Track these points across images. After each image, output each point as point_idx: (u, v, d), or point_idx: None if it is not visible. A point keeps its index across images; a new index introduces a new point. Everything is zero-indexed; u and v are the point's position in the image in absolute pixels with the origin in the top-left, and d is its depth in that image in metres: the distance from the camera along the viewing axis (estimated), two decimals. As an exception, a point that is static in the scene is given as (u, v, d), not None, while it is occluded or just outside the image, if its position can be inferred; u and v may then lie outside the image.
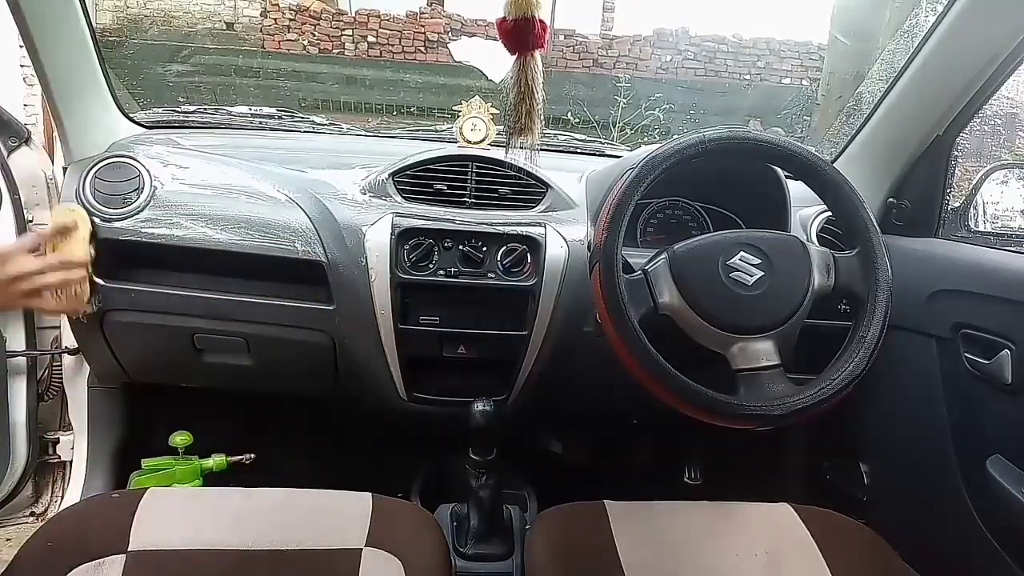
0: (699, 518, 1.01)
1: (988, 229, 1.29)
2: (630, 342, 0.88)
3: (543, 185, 1.27)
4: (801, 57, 5.48)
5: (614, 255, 0.90)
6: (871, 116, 1.31)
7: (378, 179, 1.25)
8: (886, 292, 0.93)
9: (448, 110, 1.43)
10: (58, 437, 1.47)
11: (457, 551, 1.20)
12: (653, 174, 0.94)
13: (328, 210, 1.20)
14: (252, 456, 1.45)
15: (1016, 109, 1.45)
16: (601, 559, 0.92)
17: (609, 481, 1.67)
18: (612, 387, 1.06)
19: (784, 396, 0.89)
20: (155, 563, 0.85)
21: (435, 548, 0.94)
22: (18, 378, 1.38)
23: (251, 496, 0.98)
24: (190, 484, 1.36)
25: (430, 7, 5.77)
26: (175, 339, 1.25)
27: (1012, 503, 0.97)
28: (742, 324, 0.92)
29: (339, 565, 0.86)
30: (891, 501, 1.31)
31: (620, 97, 4.07)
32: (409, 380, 1.25)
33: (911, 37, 1.28)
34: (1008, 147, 1.46)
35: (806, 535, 0.98)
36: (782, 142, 0.98)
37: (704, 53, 5.59)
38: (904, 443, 1.27)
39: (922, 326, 1.17)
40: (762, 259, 0.94)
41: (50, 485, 1.51)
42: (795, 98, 5.01)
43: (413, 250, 1.17)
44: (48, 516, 1.46)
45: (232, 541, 0.89)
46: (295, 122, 1.57)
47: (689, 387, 0.88)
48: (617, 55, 5.60)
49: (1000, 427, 1.05)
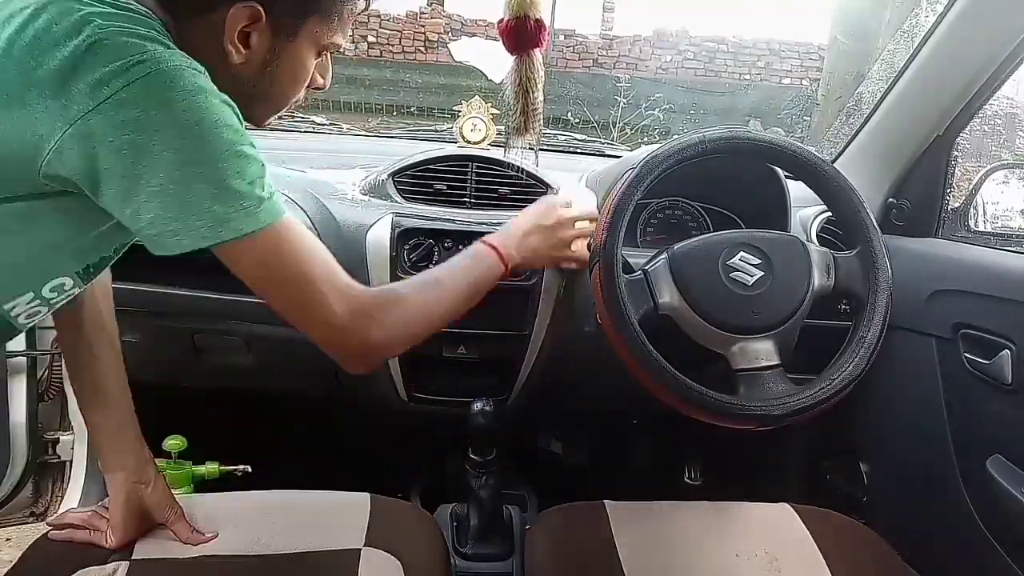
0: (699, 518, 1.01)
1: (988, 229, 1.29)
2: (630, 342, 0.88)
3: (543, 185, 1.27)
4: (801, 57, 5.48)
5: (614, 255, 0.90)
6: (871, 116, 1.31)
7: (378, 179, 1.25)
8: (886, 292, 0.93)
9: (448, 110, 1.43)
10: (58, 437, 1.47)
11: (457, 551, 1.20)
12: (653, 174, 0.94)
13: (328, 210, 1.20)
14: (247, 469, 1.43)
15: (1016, 109, 1.45)
16: (601, 559, 0.92)
17: (609, 481, 1.67)
18: (612, 387, 1.06)
19: (784, 396, 0.90)
20: (157, 572, 0.85)
21: (434, 548, 0.94)
22: (18, 378, 1.37)
23: (250, 499, 0.98)
24: (180, 490, 1.35)
25: (430, 7, 5.77)
26: (175, 339, 1.25)
27: (1012, 503, 0.97)
28: (742, 324, 0.92)
29: (338, 566, 0.86)
30: (891, 501, 1.31)
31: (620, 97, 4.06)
32: (409, 380, 1.25)
33: (911, 37, 1.28)
34: (1008, 147, 1.46)
35: (806, 535, 0.98)
36: (782, 142, 0.98)
37: (704, 53, 5.58)
38: (904, 443, 1.27)
39: (922, 326, 1.17)
40: (762, 259, 0.94)
41: (50, 485, 1.51)
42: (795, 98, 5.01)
43: (413, 250, 1.17)
44: (48, 516, 1.46)
45: (231, 547, 0.88)
46: (295, 122, 1.57)
47: (689, 387, 0.88)
48: (617, 55, 5.60)
49: (1000, 427, 1.05)
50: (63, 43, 0.59)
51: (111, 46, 0.59)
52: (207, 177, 0.61)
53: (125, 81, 0.58)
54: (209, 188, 0.61)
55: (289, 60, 0.74)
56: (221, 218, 0.62)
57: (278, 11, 0.69)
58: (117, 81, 0.58)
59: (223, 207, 0.62)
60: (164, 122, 0.59)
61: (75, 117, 0.58)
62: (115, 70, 0.58)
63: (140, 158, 0.59)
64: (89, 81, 0.58)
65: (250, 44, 0.70)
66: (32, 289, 0.71)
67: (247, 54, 0.70)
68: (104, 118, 0.58)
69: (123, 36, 0.60)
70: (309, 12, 0.72)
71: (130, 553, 0.87)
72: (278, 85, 0.76)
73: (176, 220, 0.61)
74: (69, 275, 0.73)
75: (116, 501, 0.89)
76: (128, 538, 0.88)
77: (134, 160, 0.59)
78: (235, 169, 0.63)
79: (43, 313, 0.75)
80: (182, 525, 0.89)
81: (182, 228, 0.62)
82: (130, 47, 0.60)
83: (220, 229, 0.62)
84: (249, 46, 0.70)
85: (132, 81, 0.58)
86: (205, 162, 0.61)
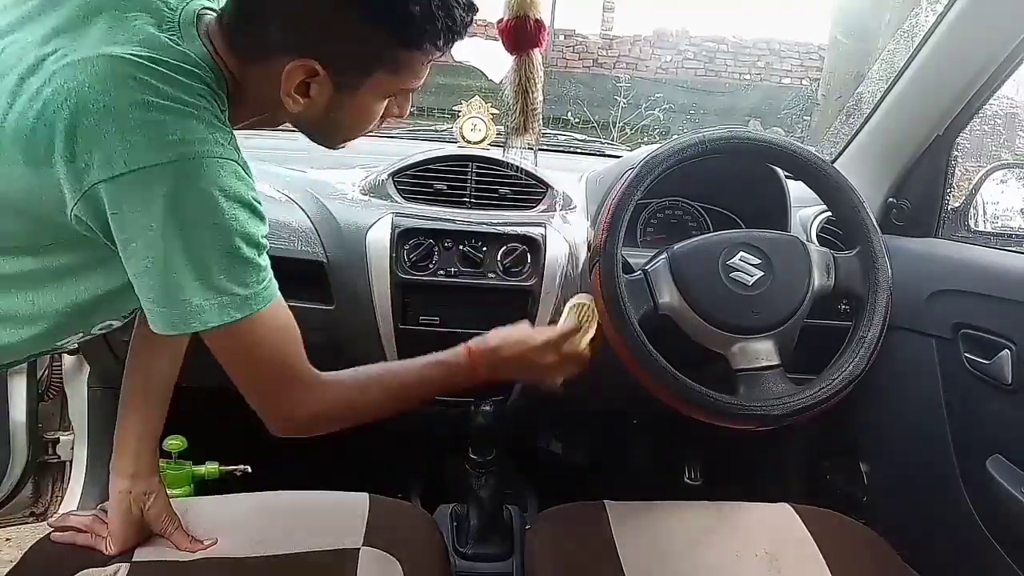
0: (699, 518, 1.01)
1: (988, 229, 1.29)
2: (630, 342, 0.88)
3: (543, 185, 1.27)
4: (801, 57, 5.47)
5: (614, 255, 0.90)
6: (871, 116, 1.31)
7: (378, 179, 1.25)
8: (886, 292, 0.93)
9: (448, 110, 1.43)
10: (58, 437, 1.47)
11: (457, 551, 1.20)
12: (653, 174, 0.94)
13: (328, 210, 1.20)
14: (247, 469, 1.43)
15: (1016, 109, 1.45)
16: (601, 559, 0.92)
17: (609, 481, 1.67)
18: (612, 387, 1.06)
19: (784, 396, 0.90)
20: (157, 574, 0.85)
21: (433, 548, 0.94)
22: (18, 378, 1.37)
23: (249, 500, 0.98)
24: (180, 490, 1.35)
25: (430, 7, 5.76)
26: (175, 339, 1.24)
27: (1012, 503, 0.97)
28: (742, 324, 0.92)
29: (337, 566, 0.86)
30: (891, 501, 1.31)
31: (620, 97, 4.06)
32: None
33: (911, 37, 1.28)
34: (1008, 147, 1.46)
35: (806, 535, 0.98)
36: (782, 142, 0.98)
37: (704, 53, 5.58)
38: (904, 443, 1.27)
39: (922, 326, 1.17)
40: (762, 259, 0.94)
41: (50, 485, 1.51)
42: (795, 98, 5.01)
43: (413, 250, 1.17)
44: (48, 516, 1.46)
45: (231, 548, 0.89)
46: (295, 122, 1.57)
47: (689, 387, 0.88)
48: (617, 55, 5.59)
49: (1000, 427, 1.05)
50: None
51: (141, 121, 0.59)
52: (191, 269, 0.62)
53: (145, 163, 0.59)
54: (201, 283, 0.63)
55: (353, 109, 0.71)
56: (194, 310, 0.63)
57: (339, 67, 0.66)
58: (135, 160, 0.59)
59: (199, 299, 0.63)
60: (168, 212, 0.60)
61: (86, 186, 0.59)
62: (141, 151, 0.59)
63: (135, 235, 0.61)
64: (105, 152, 0.59)
65: (310, 94, 0.68)
66: (82, 330, 0.75)
67: (306, 103, 0.68)
68: (114, 188, 0.59)
69: (155, 112, 0.60)
70: (373, 69, 0.68)
71: (131, 555, 0.87)
72: (342, 129, 0.75)
73: (167, 301, 0.63)
74: (116, 318, 0.76)
75: (116, 511, 0.89)
76: (127, 546, 0.88)
77: (129, 236, 0.61)
78: (221, 267, 0.63)
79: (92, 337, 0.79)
80: (180, 535, 0.90)
81: (168, 312, 0.64)
82: (158, 127, 0.60)
83: (192, 321, 0.64)
84: (309, 96, 0.68)
85: (154, 164, 0.59)
86: (193, 255, 0.62)
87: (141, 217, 0.60)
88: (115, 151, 0.58)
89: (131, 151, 0.58)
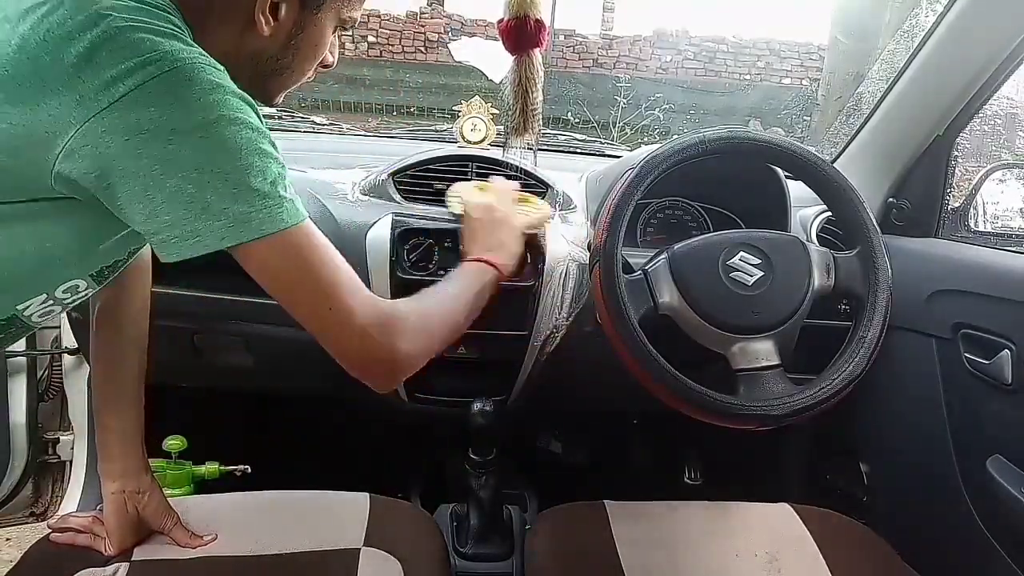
0: (699, 518, 1.01)
1: (988, 229, 1.29)
2: (630, 342, 0.88)
3: (543, 185, 1.27)
4: (801, 57, 5.48)
5: (614, 255, 0.91)
6: (871, 116, 1.31)
7: (378, 179, 1.25)
8: (886, 292, 0.93)
9: (448, 110, 1.43)
10: (58, 437, 1.47)
11: (457, 551, 1.20)
12: (653, 174, 0.94)
13: (328, 210, 1.20)
14: (247, 469, 1.43)
15: (1016, 109, 1.45)
16: (601, 559, 0.92)
17: (609, 481, 1.67)
18: (612, 387, 1.06)
19: (784, 396, 0.90)
20: (157, 573, 0.85)
21: (433, 548, 0.94)
22: (18, 378, 1.38)
23: (249, 499, 0.98)
24: (180, 490, 1.35)
25: (430, 7, 5.77)
26: (174, 339, 1.24)
27: (1012, 503, 0.97)
28: (742, 324, 0.92)
29: (337, 566, 0.86)
30: (891, 501, 1.31)
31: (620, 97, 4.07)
32: (409, 380, 1.25)
33: (911, 37, 1.28)
34: (1008, 147, 1.46)
35: (806, 535, 0.98)
36: (782, 142, 0.98)
37: (704, 53, 5.58)
38: (904, 443, 1.27)
39: (922, 326, 1.17)
40: (762, 259, 0.94)
41: (50, 485, 1.51)
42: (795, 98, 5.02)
43: (413, 250, 1.17)
44: (48, 516, 1.46)
45: (231, 547, 0.89)
46: (295, 122, 1.57)
47: (689, 387, 0.88)
48: (617, 55, 5.60)
49: (1000, 427, 1.05)
50: (77, 38, 0.57)
51: (126, 42, 0.58)
52: (226, 176, 0.60)
53: (141, 79, 0.57)
54: (228, 187, 0.60)
55: (312, 33, 0.74)
56: (241, 218, 0.60)
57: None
58: (132, 78, 0.57)
59: (243, 207, 0.60)
60: (181, 121, 0.58)
61: (88, 115, 0.57)
62: (130, 67, 0.57)
63: (156, 158, 0.58)
64: (103, 78, 0.57)
65: (278, 17, 0.70)
66: (45, 291, 0.70)
67: (275, 26, 0.70)
68: (118, 116, 0.57)
69: (139, 32, 0.59)
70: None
71: (130, 554, 0.87)
72: (298, 59, 0.76)
73: (196, 220, 0.59)
74: (82, 278, 0.72)
75: (110, 511, 0.89)
76: (125, 546, 0.88)
77: (150, 160, 0.58)
78: (256, 168, 0.61)
79: (56, 312, 0.74)
80: (180, 531, 0.89)
81: (202, 228, 0.60)
82: (146, 43, 0.58)
83: (240, 229, 0.60)
84: (278, 19, 0.70)
85: (148, 79, 0.57)
86: (224, 160, 0.60)
87: (154, 137, 0.57)
88: (114, 74, 0.57)
89: (130, 72, 0.57)
